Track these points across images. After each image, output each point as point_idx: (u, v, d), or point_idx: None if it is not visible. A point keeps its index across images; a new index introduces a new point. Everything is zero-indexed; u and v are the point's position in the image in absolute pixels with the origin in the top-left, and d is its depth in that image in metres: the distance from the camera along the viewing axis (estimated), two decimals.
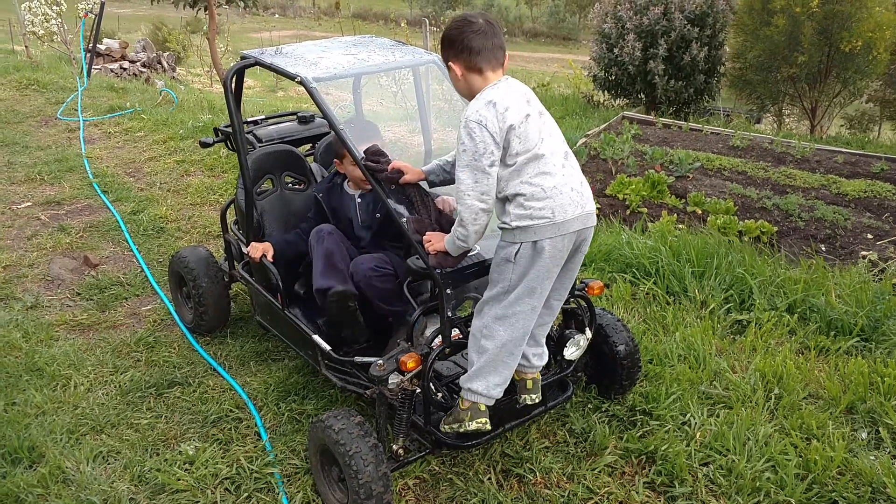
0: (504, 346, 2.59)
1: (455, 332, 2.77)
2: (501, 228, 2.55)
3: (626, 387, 3.33)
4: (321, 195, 3.60)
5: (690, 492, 2.90)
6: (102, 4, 11.12)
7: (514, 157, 2.48)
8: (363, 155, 2.80)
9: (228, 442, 3.21)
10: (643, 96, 12.50)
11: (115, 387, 3.63)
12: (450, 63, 2.60)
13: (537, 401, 2.85)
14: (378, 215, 3.47)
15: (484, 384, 2.64)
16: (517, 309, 2.55)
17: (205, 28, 13.47)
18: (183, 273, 3.96)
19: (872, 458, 3.05)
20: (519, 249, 2.50)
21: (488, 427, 2.69)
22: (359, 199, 3.49)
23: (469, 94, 2.60)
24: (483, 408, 2.67)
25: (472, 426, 2.67)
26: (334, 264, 3.23)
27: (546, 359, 2.86)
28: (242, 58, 3.45)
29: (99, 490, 2.92)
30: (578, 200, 2.52)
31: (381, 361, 2.68)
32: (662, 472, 2.98)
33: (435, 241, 2.61)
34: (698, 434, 3.17)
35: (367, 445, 2.59)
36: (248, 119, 4.34)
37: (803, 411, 3.32)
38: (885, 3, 11.64)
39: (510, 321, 2.57)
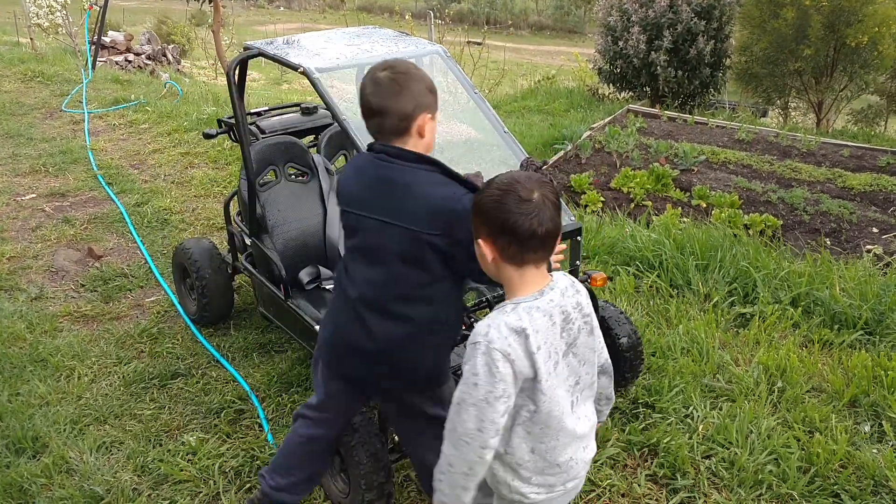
0: None
1: None
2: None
3: (628, 379, 3.33)
4: None
5: (692, 484, 2.90)
6: None
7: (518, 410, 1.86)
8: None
9: (231, 433, 3.22)
10: (648, 89, 12.47)
11: (119, 378, 3.64)
12: (479, 239, 1.84)
13: None
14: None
15: None
16: None
17: (210, 21, 13.46)
18: (186, 264, 3.96)
19: (875, 451, 3.05)
20: None
21: None
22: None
23: (495, 279, 1.91)
24: None
25: None
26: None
27: None
28: (246, 48, 3.44)
29: (102, 480, 2.93)
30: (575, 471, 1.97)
31: None
32: (665, 465, 2.98)
33: None
34: (701, 427, 3.17)
35: (369, 436, 2.59)
36: (252, 110, 4.34)
37: (806, 404, 3.32)
38: None
39: None
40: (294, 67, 3.08)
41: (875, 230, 5.81)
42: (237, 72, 3.46)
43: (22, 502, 2.87)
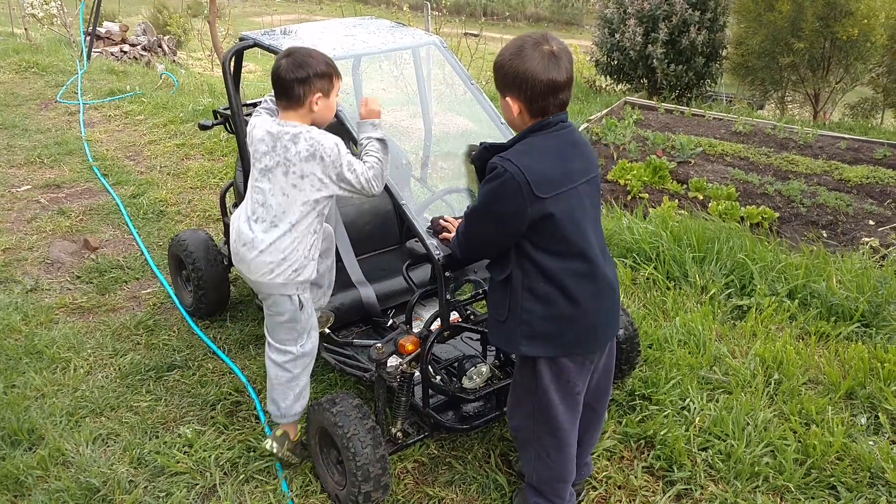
0: None
1: (454, 316, 2.77)
2: None
3: (625, 371, 3.33)
4: None
5: (689, 476, 2.90)
6: None
7: None
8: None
9: (227, 425, 3.22)
10: (645, 81, 12.45)
11: (115, 370, 3.63)
12: None
13: None
14: None
15: None
16: None
17: (206, 12, 13.40)
18: (182, 256, 3.95)
19: (871, 443, 3.05)
20: None
21: None
22: None
23: None
24: None
25: None
26: None
27: None
28: (241, 39, 3.42)
29: (98, 472, 2.93)
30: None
31: (379, 344, 2.67)
32: (661, 457, 2.98)
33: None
34: (697, 419, 3.17)
35: (365, 428, 2.59)
36: (248, 101, 4.31)
37: (803, 397, 3.32)
38: None
39: None
40: None
41: (871, 222, 5.81)
42: (233, 62, 3.44)
43: (18, 494, 2.87)
